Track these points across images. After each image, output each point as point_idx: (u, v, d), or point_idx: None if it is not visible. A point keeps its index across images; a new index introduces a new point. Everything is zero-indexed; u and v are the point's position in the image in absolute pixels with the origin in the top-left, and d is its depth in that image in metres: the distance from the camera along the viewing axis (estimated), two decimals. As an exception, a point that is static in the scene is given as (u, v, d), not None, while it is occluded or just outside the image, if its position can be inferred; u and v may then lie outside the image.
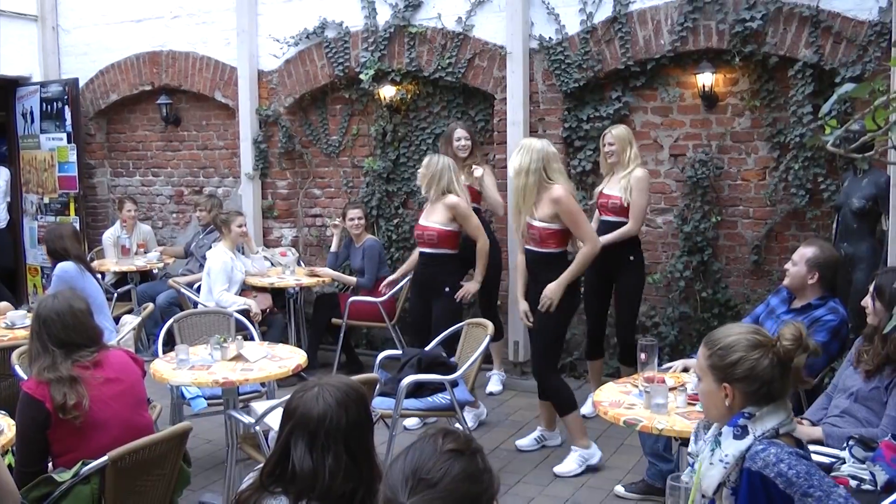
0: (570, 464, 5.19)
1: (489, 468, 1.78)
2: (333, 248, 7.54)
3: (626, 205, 5.72)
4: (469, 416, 6.08)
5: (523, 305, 5.33)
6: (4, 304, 6.28)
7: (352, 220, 7.32)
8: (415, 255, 6.35)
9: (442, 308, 5.83)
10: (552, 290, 5.08)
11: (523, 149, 5.11)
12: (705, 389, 2.57)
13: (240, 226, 7.04)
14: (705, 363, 2.55)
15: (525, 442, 5.64)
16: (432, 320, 5.88)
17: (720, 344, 2.52)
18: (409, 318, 6.38)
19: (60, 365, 3.45)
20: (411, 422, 5.76)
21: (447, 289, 5.84)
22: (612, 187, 5.83)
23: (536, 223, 5.10)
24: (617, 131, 5.81)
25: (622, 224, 5.75)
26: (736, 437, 2.45)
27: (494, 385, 6.85)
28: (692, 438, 2.71)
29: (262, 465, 2.42)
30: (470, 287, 5.95)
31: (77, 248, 5.98)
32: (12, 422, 3.64)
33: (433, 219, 5.83)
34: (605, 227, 5.82)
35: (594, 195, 6.11)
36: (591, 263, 5.29)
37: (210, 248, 7.36)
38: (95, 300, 5.44)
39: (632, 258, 5.84)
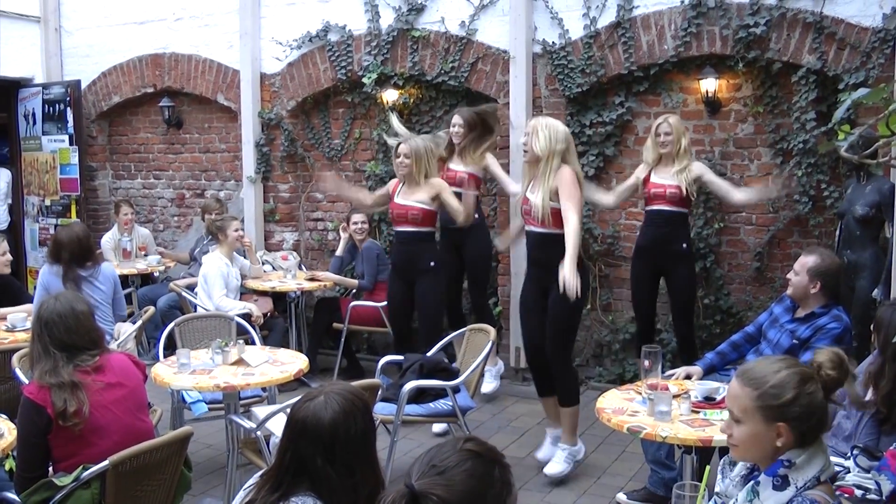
0: (559, 464, 5.15)
1: (508, 482, 1.82)
2: (339, 252, 7.55)
3: (685, 195, 5.74)
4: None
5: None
6: (29, 306, 5.84)
7: (355, 223, 7.32)
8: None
9: (427, 284, 5.84)
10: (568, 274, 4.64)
11: (549, 129, 4.88)
12: (751, 432, 2.35)
13: (236, 230, 6.95)
14: (753, 404, 2.34)
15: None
16: (416, 298, 5.89)
17: (770, 382, 2.33)
18: (391, 304, 6.21)
19: (62, 369, 3.42)
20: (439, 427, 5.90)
21: (432, 263, 5.85)
22: (664, 176, 5.82)
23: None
24: (673, 120, 5.84)
25: (680, 213, 5.79)
26: (776, 487, 2.30)
27: (488, 382, 6.63)
28: (718, 476, 2.57)
29: (262, 473, 2.39)
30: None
31: (74, 251, 5.69)
32: (13, 426, 3.62)
33: (415, 198, 5.79)
34: (660, 218, 5.85)
35: (640, 182, 5.98)
36: (641, 255, 5.92)
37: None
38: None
39: (685, 245, 5.86)
